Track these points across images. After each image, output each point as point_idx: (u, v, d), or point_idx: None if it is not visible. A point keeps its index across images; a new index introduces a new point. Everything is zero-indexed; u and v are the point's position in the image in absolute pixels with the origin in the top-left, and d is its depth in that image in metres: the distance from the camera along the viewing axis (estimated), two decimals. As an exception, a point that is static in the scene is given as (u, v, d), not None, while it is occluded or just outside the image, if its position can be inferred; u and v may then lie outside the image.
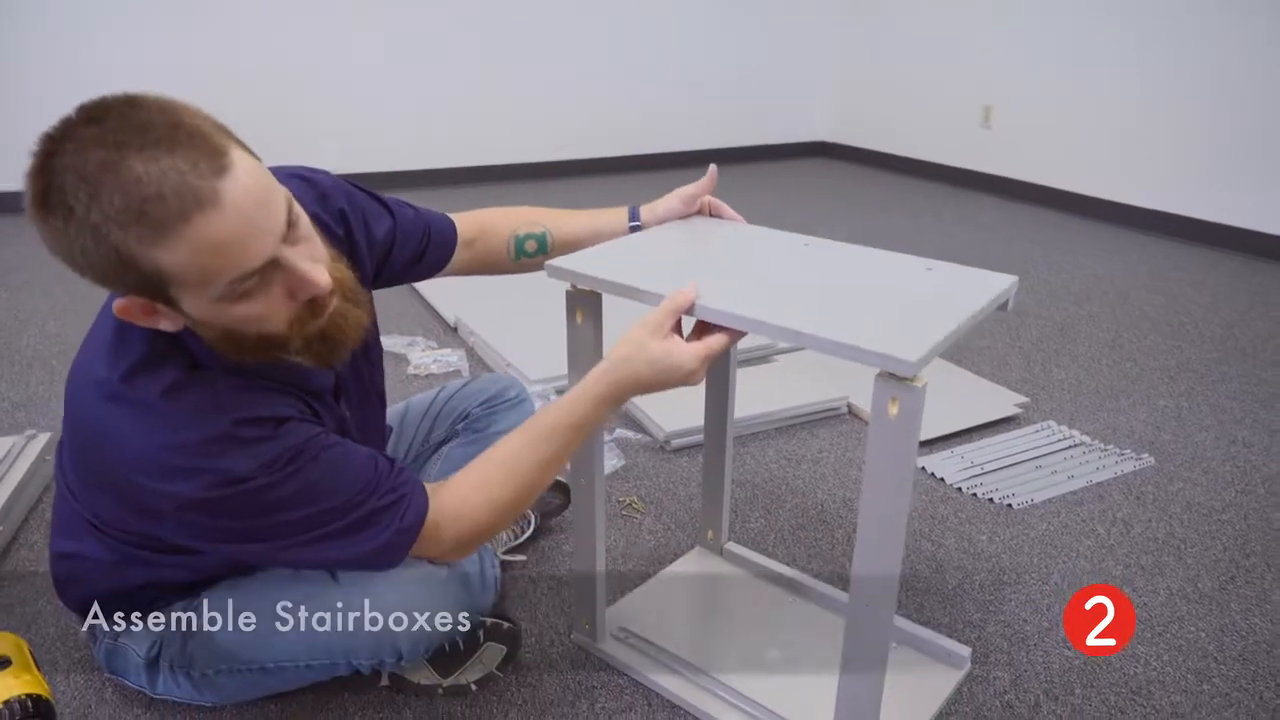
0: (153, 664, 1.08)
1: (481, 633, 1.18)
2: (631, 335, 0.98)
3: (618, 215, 1.25)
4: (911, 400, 0.83)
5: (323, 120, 4.22)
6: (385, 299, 2.82)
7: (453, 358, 2.33)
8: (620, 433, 1.93)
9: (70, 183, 0.71)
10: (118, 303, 0.81)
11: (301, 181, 1.03)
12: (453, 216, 1.23)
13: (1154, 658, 1.29)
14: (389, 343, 2.41)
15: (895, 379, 0.83)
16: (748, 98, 5.16)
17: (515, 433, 1.03)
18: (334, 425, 1.01)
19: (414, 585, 0.99)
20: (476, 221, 1.24)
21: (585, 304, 1.08)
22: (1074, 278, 3.11)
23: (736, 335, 0.97)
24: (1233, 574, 1.48)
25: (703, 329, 0.99)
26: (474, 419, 1.41)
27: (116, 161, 0.71)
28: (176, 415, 0.84)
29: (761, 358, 2.31)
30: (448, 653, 1.16)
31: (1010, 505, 1.68)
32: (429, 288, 2.83)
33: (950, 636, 1.29)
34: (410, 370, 2.27)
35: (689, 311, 0.97)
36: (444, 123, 4.45)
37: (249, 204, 0.75)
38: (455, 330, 2.55)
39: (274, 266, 0.79)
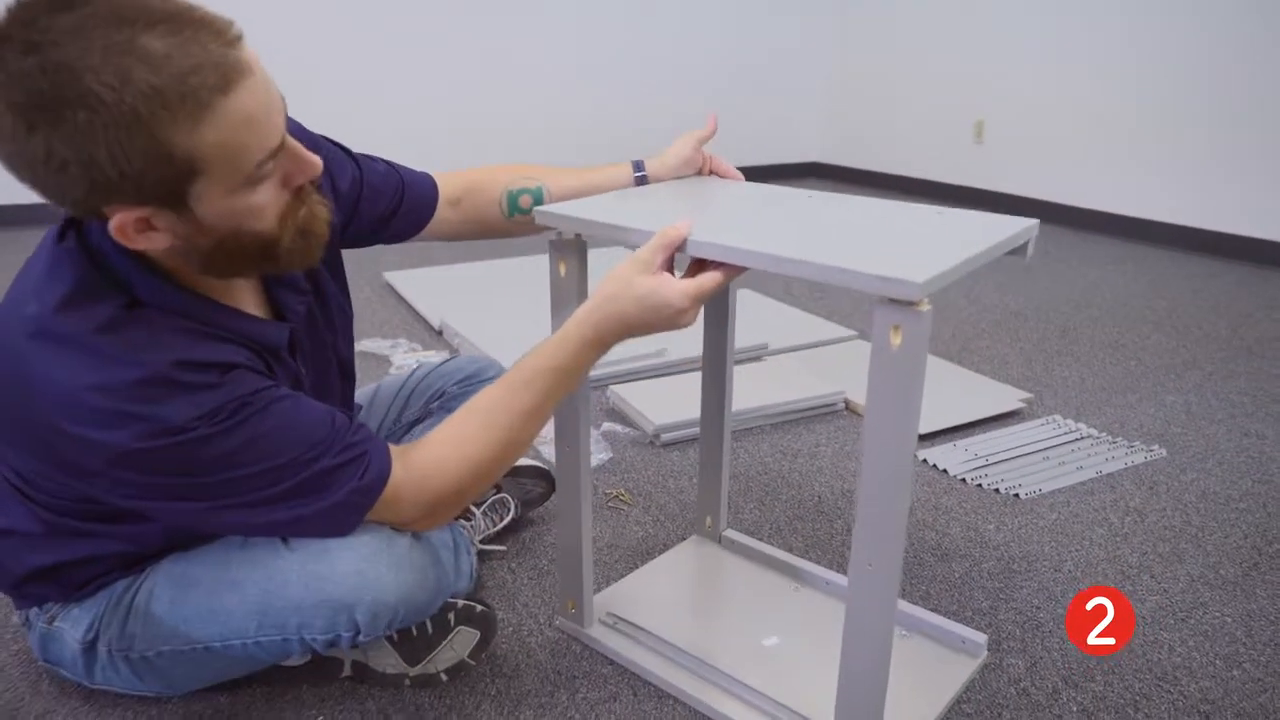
0: (90, 648, 0.98)
1: (452, 616, 1.08)
2: (617, 272, 0.91)
3: (620, 169, 1.19)
4: (916, 328, 0.76)
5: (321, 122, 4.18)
6: (368, 302, 2.79)
7: (436, 360, 2.25)
8: (607, 426, 1.85)
9: (86, 72, 0.64)
10: (113, 223, 0.73)
11: None
12: (436, 175, 1.17)
13: (1179, 644, 1.20)
14: (370, 345, 2.33)
15: (898, 305, 0.76)
16: (737, 119, 5.15)
17: (493, 384, 0.96)
18: (289, 382, 0.93)
19: (373, 548, 0.90)
20: (463, 180, 1.17)
21: (569, 254, 1.01)
22: (1072, 284, 3.06)
23: (730, 274, 0.90)
24: (1255, 560, 1.39)
25: (696, 270, 0.92)
26: (449, 397, 1.33)
27: (130, 41, 0.65)
28: (110, 353, 0.76)
29: (754, 357, 2.24)
30: (415, 637, 1.07)
31: (1017, 495, 1.59)
32: (412, 290, 2.76)
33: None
34: (393, 372, 2.19)
35: (681, 248, 0.90)
36: (432, 135, 4.42)
37: (264, 74, 0.73)
38: (440, 334, 2.47)
39: (281, 149, 0.77)
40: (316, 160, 0.81)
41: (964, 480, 1.65)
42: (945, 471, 1.68)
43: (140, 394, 0.76)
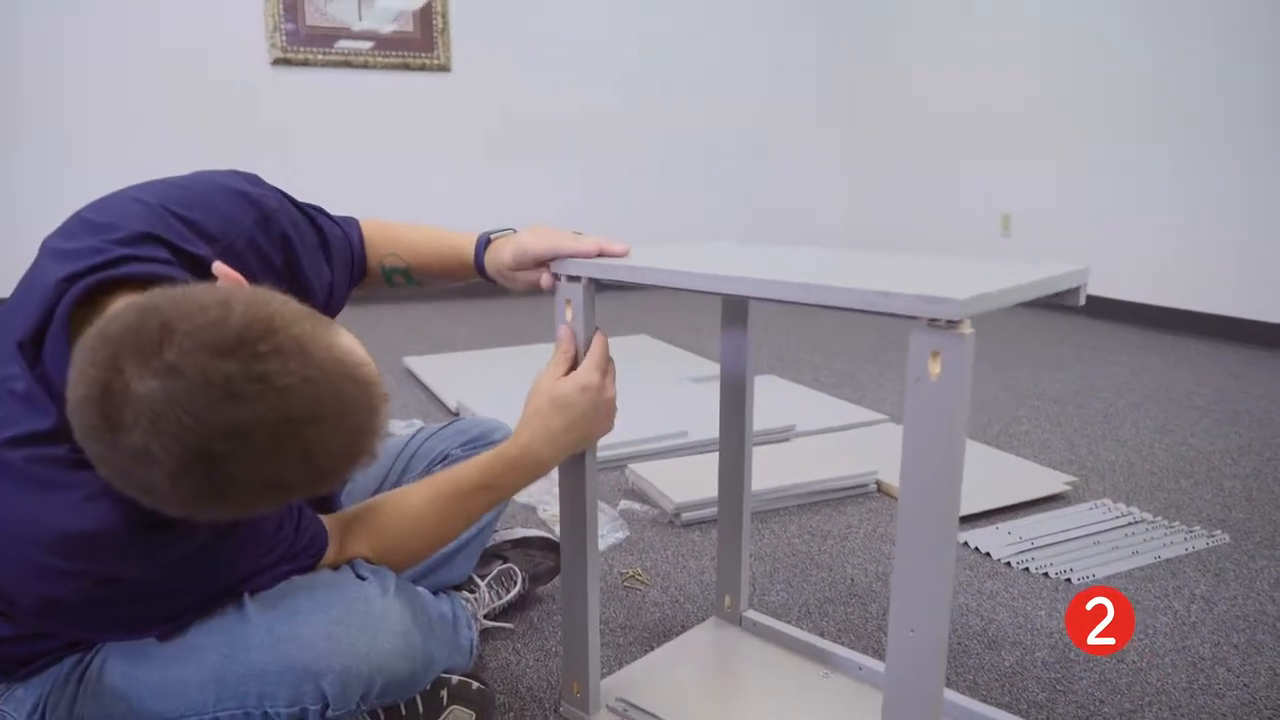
0: (35, 730, 0.89)
1: (445, 693, 0.98)
2: (533, 388, 0.97)
3: (464, 243, 1.03)
4: (958, 354, 0.68)
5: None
6: (388, 386, 2.72)
7: (437, 424, 2.18)
8: (625, 504, 1.75)
9: (248, 476, 0.62)
10: None
11: (242, 200, 0.88)
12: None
13: (1268, 744, 1.05)
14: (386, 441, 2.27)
15: (937, 328, 0.68)
16: (761, 212, 5.18)
17: (423, 483, 0.98)
18: None
19: (346, 610, 0.81)
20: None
21: (575, 294, 0.95)
22: (1111, 372, 2.95)
23: (603, 339, 0.98)
24: (1345, 654, 1.25)
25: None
26: (453, 460, 1.25)
27: (295, 450, 0.63)
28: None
29: (781, 438, 2.15)
30: (403, 716, 0.96)
31: (1069, 580, 1.46)
32: (430, 374, 2.72)
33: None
34: (404, 451, 2.11)
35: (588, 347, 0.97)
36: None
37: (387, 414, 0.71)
38: (457, 414, 2.41)
39: None
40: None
41: (1009, 564, 1.52)
42: (988, 555, 1.56)
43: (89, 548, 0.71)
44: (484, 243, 1.02)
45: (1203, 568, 1.52)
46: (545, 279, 0.97)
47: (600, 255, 0.94)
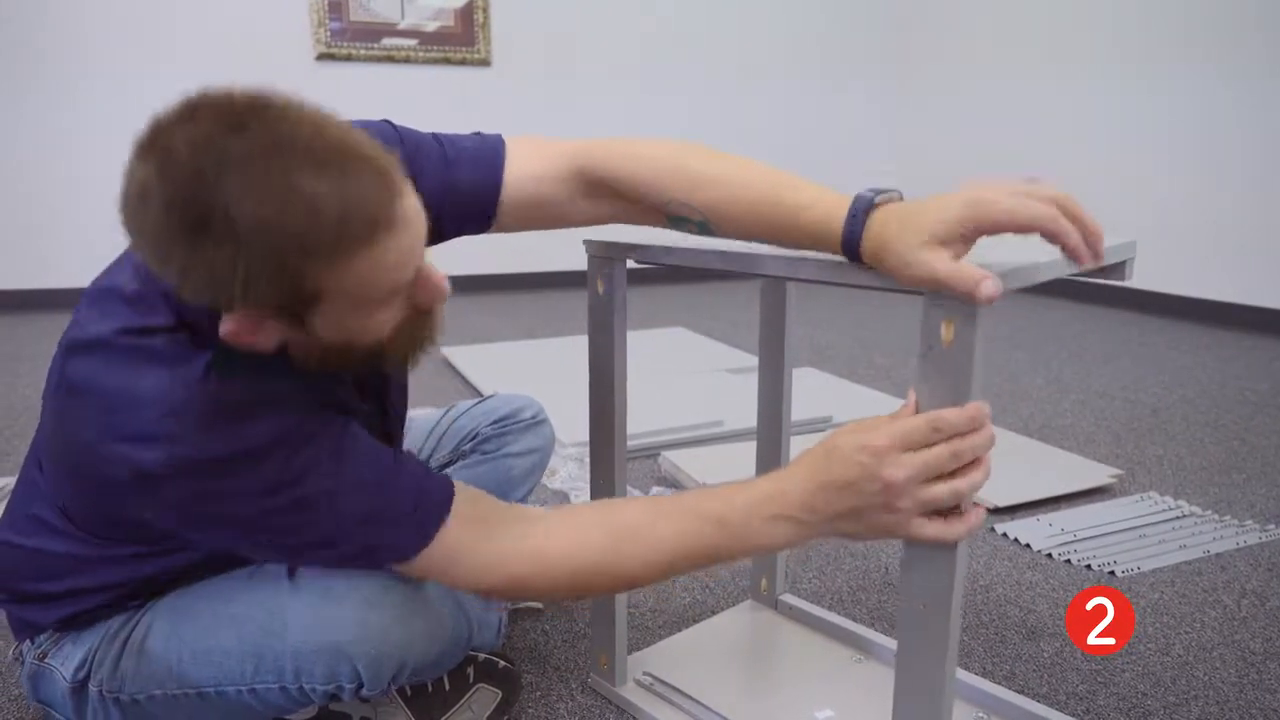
0: (79, 689, 0.90)
1: (472, 671, 0.98)
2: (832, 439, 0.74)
3: (824, 215, 0.76)
4: (970, 317, 0.66)
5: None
6: (426, 375, 2.76)
7: (469, 401, 2.19)
8: (657, 490, 1.74)
9: (238, 207, 0.60)
10: (226, 327, 0.68)
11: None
12: (544, 154, 0.88)
13: (1321, 740, 1.01)
14: (420, 414, 2.29)
15: (947, 294, 0.66)
16: (801, 169, 5.13)
17: (641, 499, 0.84)
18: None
19: (379, 592, 0.82)
20: (607, 170, 0.86)
21: (606, 270, 0.95)
22: (1161, 366, 2.87)
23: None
24: (1406, 652, 1.20)
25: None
26: (483, 439, 1.26)
27: (289, 182, 0.61)
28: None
29: (818, 428, 2.12)
30: (430, 694, 0.97)
31: (1113, 573, 1.42)
32: (468, 364, 2.74)
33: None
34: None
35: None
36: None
37: (418, 221, 0.68)
38: (491, 403, 2.43)
39: (413, 280, 0.71)
40: (445, 287, 0.75)
41: (1050, 556, 1.49)
42: (1028, 546, 1.52)
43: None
44: (863, 212, 0.72)
45: (1255, 562, 1.46)
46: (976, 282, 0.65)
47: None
